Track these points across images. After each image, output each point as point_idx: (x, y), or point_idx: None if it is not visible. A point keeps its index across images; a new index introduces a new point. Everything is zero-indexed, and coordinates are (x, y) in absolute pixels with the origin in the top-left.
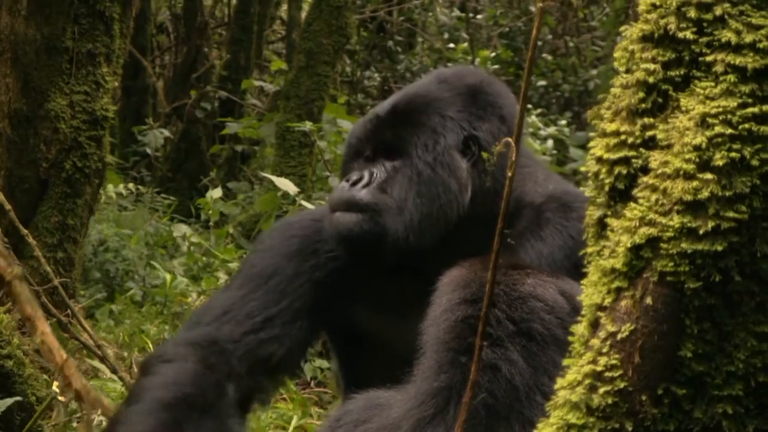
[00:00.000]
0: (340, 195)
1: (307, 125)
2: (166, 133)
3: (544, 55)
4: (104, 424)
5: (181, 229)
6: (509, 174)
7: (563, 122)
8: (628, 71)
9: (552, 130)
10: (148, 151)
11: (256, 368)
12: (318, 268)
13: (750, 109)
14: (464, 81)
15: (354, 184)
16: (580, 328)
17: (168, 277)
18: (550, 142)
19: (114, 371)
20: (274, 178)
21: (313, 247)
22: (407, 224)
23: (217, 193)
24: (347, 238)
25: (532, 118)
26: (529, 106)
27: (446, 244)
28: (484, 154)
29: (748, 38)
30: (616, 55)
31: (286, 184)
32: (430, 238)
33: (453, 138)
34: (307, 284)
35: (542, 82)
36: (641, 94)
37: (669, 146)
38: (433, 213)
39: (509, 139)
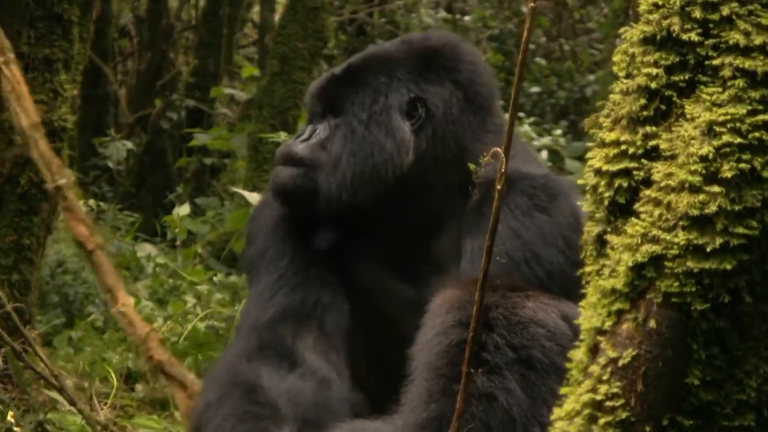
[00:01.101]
0: (282, 149)
1: (282, 136)
2: (129, 145)
3: (537, 59)
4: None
5: (145, 249)
6: (498, 186)
7: (558, 132)
8: (628, 76)
9: (546, 140)
10: (110, 164)
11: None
12: (294, 227)
13: (760, 117)
14: (425, 43)
15: (297, 138)
16: (579, 354)
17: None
18: (544, 153)
19: (73, 403)
20: (246, 194)
21: (282, 213)
22: (339, 182)
23: (184, 209)
24: (282, 191)
25: (525, 128)
26: (521, 114)
27: (388, 204)
28: (471, 166)
29: (758, 40)
30: (615, 59)
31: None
32: (364, 197)
33: (396, 98)
34: (293, 243)
35: (535, 89)
36: (643, 101)
37: (673, 157)
38: (365, 172)
39: (498, 150)
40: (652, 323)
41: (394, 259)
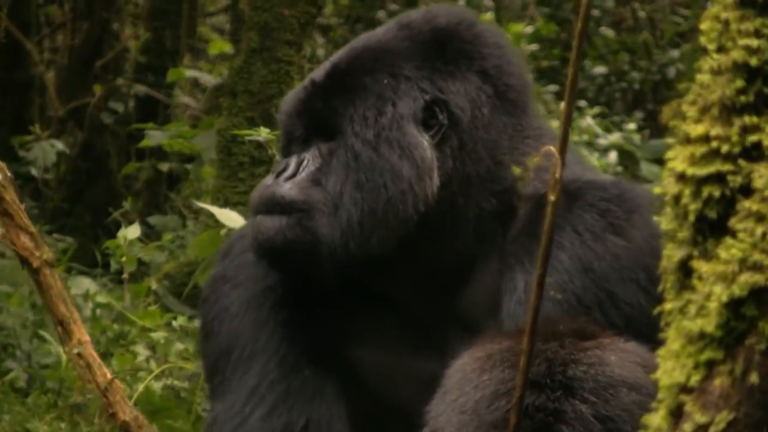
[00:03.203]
0: (261, 192)
1: (263, 133)
2: (60, 146)
3: (602, 29)
4: None
5: (82, 285)
6: (551, 198)
7: (631, 126)
8: (720, 50)
9: (615, 137)
10: (34, 172)
11: None
12: (280, 306)
13: None
14: (432, 24)
15: (279, 176)
16: (657, 419)
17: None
18: (613, 155)
19: None
20: (215, 210)
21: (263, 284)
22: (344, 226)
23: (133, 232)
24: (270, 250)
25: (587, 121)
26: (582, 103)
27: (405, 249)
28: (516, 169)
29: None
30: (703, 27)
31: (233, 218)
32: (378, 244)
33: (407, 105)
34: (276, 334)
35: (601, 69)
36: (739, 83)
37: None
38: (378, 210)
39: (552, 148)
40: (753, 377)
41: (409, 325)
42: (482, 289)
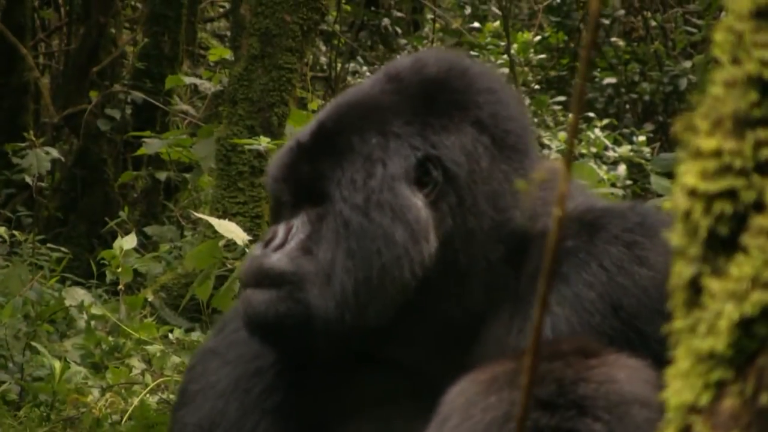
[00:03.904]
0: (249, 264)
1: (263, 142)
2: (55, 153)
3: (613, 39)
4: None
5: (76, 295)
6: (556, 214)
7: (641, 139)
8: (734, 62)
9: (625, 149)
10: (28, 179)
11: None
12: (269, 392)
13: None
14: (421, 75)
15: (268, 245)
16: None
17: (57, 365)
18: (622, 168)
19: None
20: (213, 221)
21: (254, 365)
22: (338, 298)
23: (129, 242)
24: (261, 325)
25: (595, 133)
26: (590, 114)
27: (407, 314)
28: (521, 184)
29: None
30: (717, 38)
31: (232, 229)
32: (376, 315)
33: (398, 164)
34: (263, 422)
35: (610, 80)
36: (754, 96)
37: None
38: (372, 277)
39: (555, 164)
40: (764, 398)
41: (418, 387)
42: (495, 338)
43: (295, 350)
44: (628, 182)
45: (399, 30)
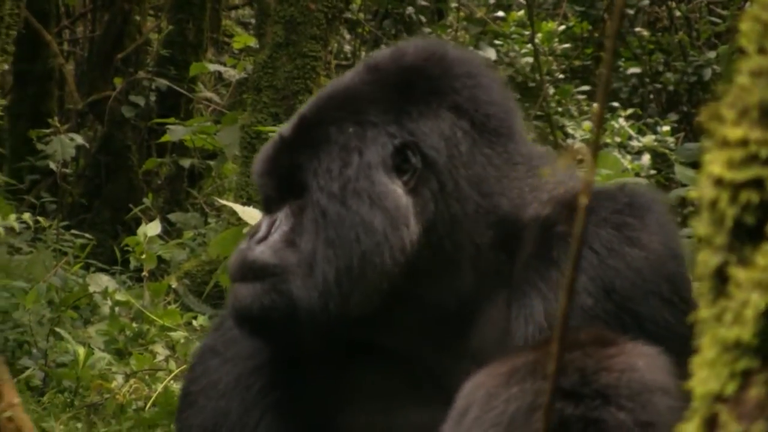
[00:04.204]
0: (236, 258)
1: None
2: (79, 140)
3: (637, 29)
4: None
5: (100, 282)
6: (581, 202)
7: (666, 129)
8: (761, 51)
9: (649, 139)
10: (53, 166)
11: None
12: (269, 388)
13: None
14: (398, 64)
15: (252, 238)
16: (690, 428)
17: (81, 351)
18: (646, 158)
19: None
20: (237, 208)
21: (253, 362)
22: (320, 287)
23: (153, 229)
24: (247, 318)
25: (619, 123)
26: (614, 104)
27: (396, 300)
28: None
29: None
30: (743, 28)
31: (256, 216)
32: (360, 303)
33: (375, 152)
34: (266, 417)
35: (635, 69)
36: None
37: None
38: (353, 266)
39: (583, 145)
40: None
41: (417, 375)
42: (492, 323)
43: (284, 342)
44: (652, 172)
45: (423, 18)
